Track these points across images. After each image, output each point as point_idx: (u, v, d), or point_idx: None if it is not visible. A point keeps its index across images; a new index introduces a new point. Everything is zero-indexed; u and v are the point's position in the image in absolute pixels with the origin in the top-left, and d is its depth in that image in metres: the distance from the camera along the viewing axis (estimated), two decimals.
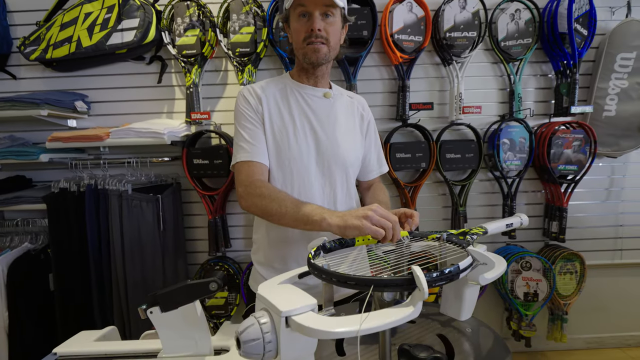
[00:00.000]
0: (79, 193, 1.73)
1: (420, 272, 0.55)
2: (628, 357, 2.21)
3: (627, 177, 2.17)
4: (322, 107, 1.12)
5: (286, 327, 0.53)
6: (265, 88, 1.12)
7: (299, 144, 1.07)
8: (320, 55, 1.04)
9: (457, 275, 0.61)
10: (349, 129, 1.16)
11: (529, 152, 2.01)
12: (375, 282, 0.57)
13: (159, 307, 0.69)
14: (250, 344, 0.52)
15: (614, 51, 1.99)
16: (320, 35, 1.02)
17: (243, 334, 0.53)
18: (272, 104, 1.09)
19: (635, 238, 2.20)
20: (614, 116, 2.02)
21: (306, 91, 1.12)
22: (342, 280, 0.60)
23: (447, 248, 0.79)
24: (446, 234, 0.83)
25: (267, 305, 0.57)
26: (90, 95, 2.08)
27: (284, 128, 1.08)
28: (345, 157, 1.11)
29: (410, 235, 0.85)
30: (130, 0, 1.87)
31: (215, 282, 0.69)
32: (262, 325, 0.54)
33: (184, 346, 0.71)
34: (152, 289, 1.80)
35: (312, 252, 0.72)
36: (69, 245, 1.72)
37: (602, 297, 2.24)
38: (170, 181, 2.02)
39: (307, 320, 0.52)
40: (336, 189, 1.11)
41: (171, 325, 0.70)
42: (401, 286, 0.58)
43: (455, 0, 1.94)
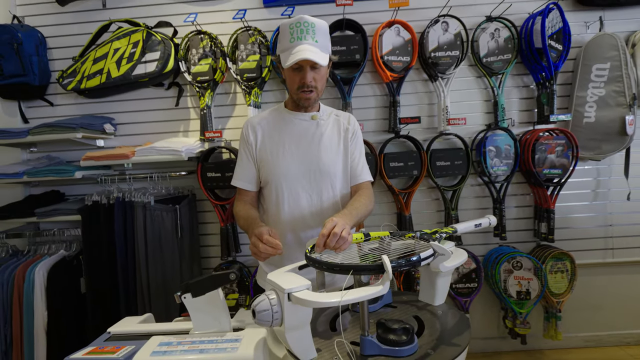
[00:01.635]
0: (109, 205, 1.96)
1: (387, 260, 0.74)
2: (627, 355, 2.26)
3: (612, 178, 2.29)
4: (309, 128, 1.34)
5: (288, 300, 0.72)
6: (261, 120, 1.38)
7: (287, 161, 1.30)
8: (311, 102, 1.30)
9: (418, 262, 0.79)
10: (333, 144, 1.35)
11: (514, 158, 2.16)
12: (354, 267, 0.77)
13: (190, 293, 0.88)
14: (262, 314, 0.72)
15: (589, 62, 2.15)
16: (310, 86, 1.24)
17: (257, 306, 0.73)
18: (266, 131, 1.34)
19: (626, 237, 2.29)
20: (594, 122, 2.16)
21: (296, 117, 1.35)
22: (330, 267, 0.79)
23: (421, 244, 0.95)
24: (419, 233, 1.00)
25: (274, 286, 0.76)
26: (116, 118, 2.35)
27: (274, 149, 1.31)
28: (328, 169, 1.31)
29: (391, 235, 1.03)
30: (152, 36, 2.15)
31: (234, 272, 0.90)
32: (271, 300, 0.73)
33: (210, 325, 0.90)
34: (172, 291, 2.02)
35: (309, 248, 0.92)
36: (99, 252, 1.95)
37: (597, 295, 2.32)
38: (186, 193, 2.25)
39: (304, 295, 0.72)
40: (322, 197, 1.31)
41: (200, 308, 0.89)
42: (373, 270, 0.76)
43: (438, 24, 2.15)
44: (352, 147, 1.39)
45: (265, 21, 2.25)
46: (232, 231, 2.22)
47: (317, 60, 1.17)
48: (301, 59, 1.16)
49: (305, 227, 1.30)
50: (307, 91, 1.25)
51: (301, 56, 1.16)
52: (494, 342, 2.35)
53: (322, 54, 1.21)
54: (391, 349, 0.77)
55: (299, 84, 1.24)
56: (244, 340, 0.83)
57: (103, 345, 0.87)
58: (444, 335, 0.84)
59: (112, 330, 0.95)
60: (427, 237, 0.98)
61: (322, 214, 1.29)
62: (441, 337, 0.83)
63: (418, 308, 1.01)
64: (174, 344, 0.82)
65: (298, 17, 1.20)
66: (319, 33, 1.21)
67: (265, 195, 1.35)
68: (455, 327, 0.89)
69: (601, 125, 2.15)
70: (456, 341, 0.81)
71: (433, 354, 0.76)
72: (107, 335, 0.94)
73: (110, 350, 0.84)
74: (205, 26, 2.25)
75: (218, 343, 0.83)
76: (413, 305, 1.03)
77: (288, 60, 1.19)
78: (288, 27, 1.21)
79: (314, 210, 1.30)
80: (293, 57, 1.17)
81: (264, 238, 1.04)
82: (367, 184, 1.40)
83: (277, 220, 1.30)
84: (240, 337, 0.85)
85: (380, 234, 1.05)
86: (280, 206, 1.29)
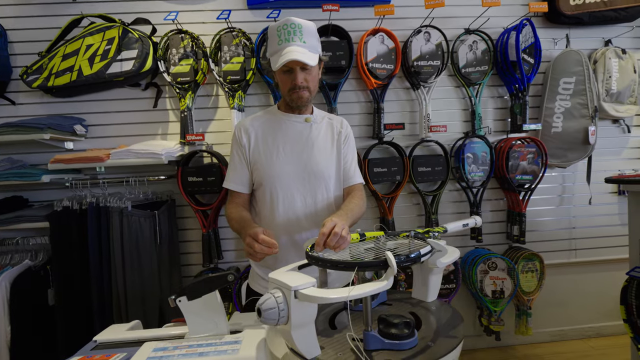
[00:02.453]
0: (81, 211, 1.84)
1: (391, 255, 0.75)
2: (588, 347, 2.44)
3: (576, 184, 2.47)
4: (302, 130, 1.33)
5: (295, 298, 0.71)
6: (254, 121, 1.35)
7: (281, 162, 1.28)
8: (303, 101, 1.28)
9: (419, 258, 0.81)
10: (327, 146, 1.35)
11: (490, 164, 2.27)
12: (359, 264, 0.77)
13: (185, 297, 0.84)
14: (268, 312, 0.70)
15: (557, 76, 2.30)
16: (302, 86, 1.24)
17: (263, 304, 0.71)
18: (259, 133, 1.32)
19: (587, 239, 2.48)
20: (561, 132, 2.32)
21: (290, 118, 1.34)
22: (334, 264, 0.78)
23: (415, 243, 0.98)
24: (414, 232, 1.03)
25: (278, 285, 0.75)
26: (86, 119, 2.21)
27: (268, 151, 1.29)
28: (322, 171, 1.31)
29: (385, 234, 1.05)
30: (129, 33, 2.04)
31: (232, 274, 0.86)
32: (277, 298, 0.72)
33: (207, 328, 0.86)
34: (150, 301, 1.93)
35: (309, 247, 0.91)
36: (70, 261, 1.82)
37: (562, 293, 2.49)
38: (165, 198, 2.16)
39: (311, 291, 0.71)
40: (316, 198, 1.30)
41: (196, 311, 0.85)
42: (377, 266, 0.77)
43: (421, 34, 2.22)
44: (344, 150, 1.39)
45: (249, 23, 2.21)
46: (214, 237, 2.16)
47: (305, 61, 1.17)
48: (289, 60, 1.16)
49: (299, 229, 1.29)
50: (299, 92, 1.24)
51: (289, 57, 1.15)
52: (470, 340, 2.46)
53: (311, 54, 1.20)
54: (394, 342, 0.78)
55: (290, 85, 1.24)
56: (244, 342, 0.81)
57: (91, 354, 0.82)
58: (440, 329, 0.87)
59: (99, 338, 0.89)
60: (421, 236, 1.01)
61: (316, 216, 1.29)
62: (438, 330, 0.86)
63: (412, 305, 1.04)
64: (170, 349, 0.78)
65: (285, 20, 1.20)
66: (306, 34, 1.21)
67: (259, 197, 1.33)
68: (449, 321, 0.92)
69: (567, 134, 2.31)
70: (453, 333, 0.84)
71: (433, 346, 0.79)
72: (93, 344, 0.87)
73: (100, 358, 0.78)
74: (186, 25, 2.17)
75: (217, 346, 0.80)
76: (407, 303, 1.06)
77: (277, 62, 1.18)
78: (276, 30, 1.20)
79: (309, 213, 1.29)
80: (282, 59, 1.17)
81: (259, 237, 1.03)
82: (359, 185, 1.42)
83: (271, 222, 1.28)
84: (239, 338, 0.83)
85: (375, 233, 1.06)
86: (274, 208, 1.28)
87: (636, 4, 2.25)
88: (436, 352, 0.76)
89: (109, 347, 0.85)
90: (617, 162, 2.49)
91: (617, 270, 2.48)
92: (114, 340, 0.88)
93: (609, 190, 2.49)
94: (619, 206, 2.49)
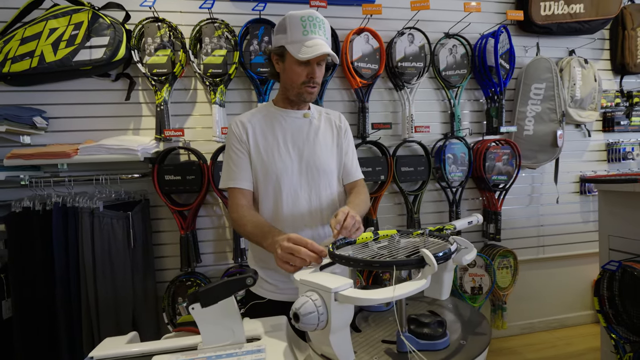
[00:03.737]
0: (44, 212, 1.66)
1: (429, 253, 0.72)
2: (554, 337, 2.59)
3: (544, 184, 2.61)
4: (303, 126, 1.29)
5: (335, 300, 0.67)
6: (251, 117, 1.28)
7: (284, 159, 1.23)
8: (313, 97, 1.25)
9: (450, 255, 0.79)
10: (327, 142, 1.32)
11: (468, 165, 2.34)
12: (396, 263, 0.73)
13: (199, 304, 0.76)
14: (307, 316, 0.66)
15: (529, 82, 2.43)
16: (316, 82, 1.21)
17: (301, 309, 0.66)
18: (257, 130, 1.26)
19: (553, 236, 2.64)
20: (532, 135, 2.45)
21: (289, 114, 1.29)
22: (368, 264, 0.74)
23: (430, 241, 0.96)
24: (428, 230, 1.01)
25: (314, 287, 0.70)
26: (47, 110, 2.00)
27: (269, 148, 1.24)
28: (325, 167, 1.28)
29: (399, 233, 1.02)
30: (100, 18, 1.88)
31: (251, 277, 0.79)
32: (315, 301, 0.67)
33: (222, 337, 0.78)
34: (124, 311, 1.78)
35: (330, 246, 0.86)
36: (31, 268, 1.63)
37: (531, 287, 2.63)
38: (138, 198, 2.00)
39: (353, 293, 0.67)
40: (321, 195, 1.26)
41: (211, 319, 0.77)
42: (414, 265, 0.74)
43: (405, 35, 2.24)
44: (345, 145, 1.37)
45: (232, 15, 2.11)
46: (192, 240, 2.04)
47: (335, 58, 1.16)
48: (322, 52, 1.11)
49: (303, 226, 1.24)
50: (312, 86, 1.21)
51: (322, 50, 1.11)
52: None
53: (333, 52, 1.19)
54: (428, 342, 0.76)
55: (305, 78, 1.19)
56: (268, 350, 0.75)
57: None
58: (465, 326, 0.86)
59: (96, 354, 0.78)
60: (437, 234, 0.99)
61: (321, 212, 1.26)
62: (464, 328, 0.85)
63: (428, 303, 1.03)
64: None
65: (309, 11, 1.16)
66: (327, 31, 1.19)
67: (260, 196, 1.25)
68: (472, 318, 0.91)
69: (538, 137, 2.44)
70: (480, 330, 0.83)
71: (466, 344, 0.77)
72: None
73: None
74: (162, 14, 2.03)
75: (239, 356, 0.73)
76: (422, 302, 1.05)
77: (305, 52, 1.12)
78: (299, 19, 1.14)
79: (313, 209, 1.25)
80: (311, 50, 1.12)
81: (308, 243, 0.91)
82: (361, 181, 1.40)
83: (275, 221, 1.22)
84: (261, 346, 0.77)
85: (388, 232, 1.04)
86: (278, 206, 1.22)
87: (597, 18, 2.43)
88: (471, 350, 0.74)
89: None
90: (579, 164, 2.67)
91: (581, 265, 2.67)
92: (113, 356, 0.78)
93: (572, 190, 2.66)
94: (581, 205, 2.67)
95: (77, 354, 1.73)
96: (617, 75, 2.67)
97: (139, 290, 1.89)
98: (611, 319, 1.62)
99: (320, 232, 1.25)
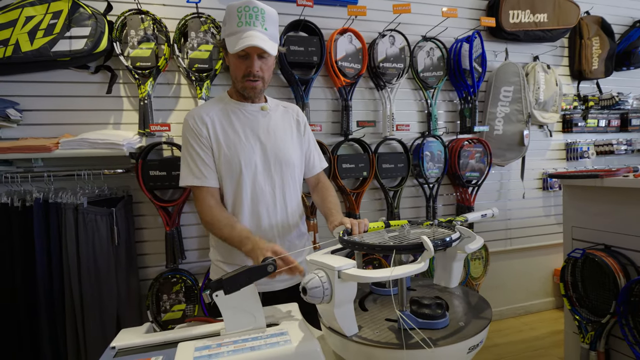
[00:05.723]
0: (23, 208, 1.59)
1: (427, 239, 0.79)
2: (521, 323, 2.79)
3: (511, 181, 2.81)
4: (262, 119, 1.28)
5: (338, 278, 0.75)
6: (208, 111, 1.24)
7: (247, 154, 1.22)
8: (256, 91, 1.23)
9: (451, 242, 0.87)
10: (288, 134, 1.33)
11: (444, 162, 2.47)
12: (397, 247, 0.80)
13: (222, 291, 0.79)
14: (313, 290, 0.75)
15: (499, 85, 2.60)
16: (257, 75, 1.19)
17: (308, 283, 0.75)
18: (217, 124, 1.22)
19: (519, 228, 2.84)
20: (502, 134, 2.62)
21: (246, 108, 1.27)
22: (372, 248, 0.81)
23: (439, 231, 1.02)
24: (437, 221, 1.08)
25: (321, 266, 0.78)
26: (20, 102, 1.91)
27: (231, 143, 1.22)
28: (289, 159, 1.29)
29: (409, 223, 1.09)
30: (80, 8, 1.82)
31: (272, 264, 0.84)
32: (321, 278, 0.76)
33: (245, 322, 0.82)
34: (108, 308, 1.75)
35: (341, 233, 0.92)
36: (10, 267, 1.55)
37: (500, 277, 2.81)
38: (121, 194, 1.96)
39: (353, 271, 0.75)
40: (285, 188, 1.28)
41: (234, 305, 0.80)
42: (413, 249, 0.81)
43: (386, 37, 2.33)
44: (305, 137, 1.39)
45: (218, 10, 2.11)
46: (177, 236, 2.02)
47: (266, 49, 1.12)
48: (250, 45, 1.09)
49: (268, 219, 1.25)
50: (252, 80, 1.19)
51: (250, 42, 1.09)
52: None
53: (272, 42, 1.15)
54: (427, 322, 0.83)
55: (244, 72, 1.18)
56: (291, 333, 0.79)
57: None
58: (469, 311, 0.94)
59: (117, 344, 0.79)
60: (446, 225, 1.06)
61: (284, 204, 1.27)
62: (467, 312, 0.93)
63: (438, 290, 1.09)
64: (214, 347, 0.73)
65: (246, 1, 1.13)
66: (268, 21, 1.16)
67: (224, 191, 1.24)
68: (477, 304, 0.98)
69: (506, 137, 2.62)
70: (482, 315, 0.91)
71: (464, 326, 0.85)
72: (112, 351, 0.77)
73: None
74: (146, 6, 1.99)
75: (265, 339, 0.77)
76: (431, 288, 1.11)
77: (236, 45, 1.11)
78: (236, 10, 1.13)
79: (278, 202, 1.26)
80: (241, 43, 1.09)
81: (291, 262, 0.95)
82: (324, 172, 1.46)
83: (238, 215, 1.22)
84: (284, 330, 0.81)
85: (399, 222, 1.11)
86: (242, 200, 1.22)
87: (559, 27, 2.65)
88: (468, 331, 0.82)
89: (133, 353, 0.75)
90: (542, 162, 2.89)
91: (543, 255, 2.89)
92: (135, 345, 0.79)
93: (536, 186, 2.88)
94: (544, 200, 2.89)
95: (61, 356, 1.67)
96: (575, 80, 2.92)
97: (122, 288, 1.85)
98: (575, 302, 1.79)
99: (285, 226, 1.28)
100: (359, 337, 0.80)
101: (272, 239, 1.24)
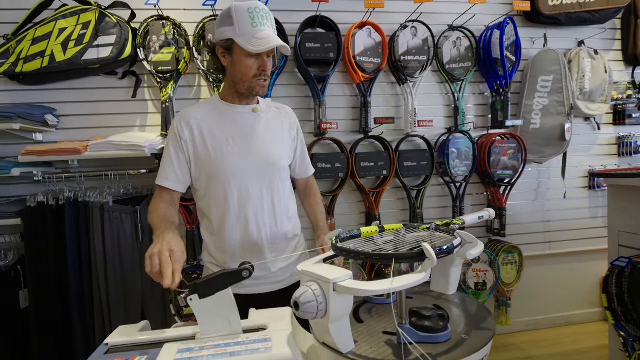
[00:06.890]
0: (57, 206, 1.73)
1: (429, 247, 0.73)
2: (560, 334, 2.57)
3: (550, 179, 2.57)
4: (252, 120, 1.26)
5: (333, 291, 0.69)
6: (196, 114, 1.24)
7: (234, 156, 1.21)
8: (265, 90, 1.23)
9: (452, 250, 0.80)
10: (278, 136, 1.31)
11: (473, 159, 2.32)
12: (396, 256, 0.74)
13: (197, 295, 0.80)
14: (307, 305, 0.68)
15: (536, 74, 2.39)
16: (267, 74, 1.20)
17: (301, 297, 0.68)
18: (203, 125, 1.22)
19: (559, 231, 2.60)
20: (539, 128, 2.41)
21: (236, 109, 1.26)
22: (369, 257, 0.76)
23: (436, 236, 0.95)
24: (434, 225, 1.02)
25: (314, 277, 0.72)
26: (57, 108, 2.07)
27: (217, 145, 1.21)
28: (277, 161, 1.27)
29: (405, 227, 1.03)
30: (107, 17, 1.93)
31: (248, 269, 0.82)
32: (314, 291, 0.69)
33: (220, 327, 0.81)
34: (133, 303, 1.85)
35: (334, 239, 0.88)
36: (46, 260, 1.70)
37: (537, 284, 2.60)
38: (145, 193, 2.07)
39: (351, 284, 0.69)
40: (273, 190, 1.26)
41: (208, 310, 0.81)
42: (414, 258, 0.75)
43: (407, 28, 2.23)
44: (297, 140, 1.38)
45: None
46: (197, 234, 2.09)
47: (287, 49, 1.16)
48: (275, 45, 1.11)
49: (256, 224, 1.23)
50: (264, 79, 1.19)
51: (274, 42, 1.11)
52: None
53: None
54: (428, 335, 0.77)
55: (257, 71, 1.17)
56: (274, 339, 0.78)
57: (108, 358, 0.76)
58: (470, 321, 0.86)
59: (111, 341, 0.83)
60: (444, 229, 0.99)
61: (273, 208, 1.26)
62: (468, 322, 0.86)
63: (434, 297, 1.03)
64: (196, 350, 0.74)
65: (255, 2, 1.14)
66: (274, 22, 1.19)
67: (210, 196, 1.24)
68: (477, 313, 0.91)
69: (544, 131, 2.40)
70: (484, 325, 0.83)
71: (468, 339, 0.78)
72: (105, 347, 0.81)
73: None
74: (167, 12, 2.07)
75: (247, 344, 0.76)
76: (428, 295, 1.04)
77: (257, 45, 1.10)
78: (247, 11, 1.12)
79: (266, 206, 1.25)
80: (264, 43, 1.10)
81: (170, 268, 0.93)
82: (313, 176, 1.48)
83: (225, 220, 1.22)
84: (268, 336, 0.79)
85: (394, 226, 1.05)
86: (230, 205, 1.21)
87: (608, 7, 2.36)
88: (472, 345, 0.75)
89: (123, 350, 0.79)
90: (588, 159, 2.62)
91: (589, 262, 2.63)
92: (127, 343, 0.82)
93: (580, 185, 2.62)
94: (590, 200, 2.62)
95: (90, 343, 1.81)
96: (629, 66, 2.60)
97: (146, 283, 1.95)
98: (620, 316, 1.60)
99: (274, 230, 1.26)
100: (355, 355, 0.75)
101: (260, 243, 1.24)
